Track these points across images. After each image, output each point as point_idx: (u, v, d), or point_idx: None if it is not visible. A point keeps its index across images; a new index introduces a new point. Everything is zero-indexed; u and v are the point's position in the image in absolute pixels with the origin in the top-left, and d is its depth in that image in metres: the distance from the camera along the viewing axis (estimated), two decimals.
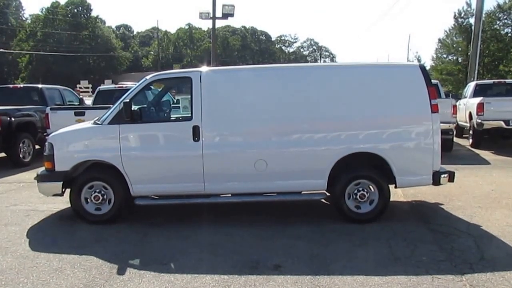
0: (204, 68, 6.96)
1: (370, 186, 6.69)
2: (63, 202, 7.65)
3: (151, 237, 6.27)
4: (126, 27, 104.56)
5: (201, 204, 6.86)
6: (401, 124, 6.58)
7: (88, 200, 6.85)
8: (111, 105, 7.09)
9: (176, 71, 7.09)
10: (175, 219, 7.04)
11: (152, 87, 7.31)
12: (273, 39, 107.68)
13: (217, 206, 7.36)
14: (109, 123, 6.73)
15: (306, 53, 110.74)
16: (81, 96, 16.67)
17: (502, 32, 43.92)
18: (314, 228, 6.41)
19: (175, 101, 9.42)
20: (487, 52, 41.37)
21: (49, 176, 6.87)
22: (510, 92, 15.45)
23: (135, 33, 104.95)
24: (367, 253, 5.45)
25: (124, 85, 14.36)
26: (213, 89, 6.67)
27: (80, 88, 40.55)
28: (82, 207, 6.84)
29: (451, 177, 6.71)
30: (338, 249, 5.63)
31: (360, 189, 6.68)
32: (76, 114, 12.26)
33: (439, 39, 50.00)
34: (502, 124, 13.59)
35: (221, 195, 6.82)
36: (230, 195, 6.85)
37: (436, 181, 6.57)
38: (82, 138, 6.91)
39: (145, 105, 7.26)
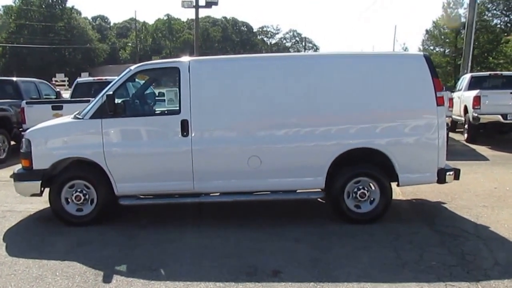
0: (192, 58, 6.50)
1: (371, 184, 6.34)
2: (42, 202, 7.13)
3: (138, 240, 5.82)
4: (103, 18, 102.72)
5: (191, 203, 6.39)
6: (405, 118, 6.23)
7: (69, 200, 6.35)
8: (91, 99, 6.58)
9: (163, 61, 6.58)
10: (164, 220, 6.59)
11: (136, 79, 6.81)
12: (254, 30, 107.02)
13: (208, 205, 6.93)
14: (90, 118, 6.23)
15: (288, 44, 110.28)
16: (57, 90, 15.93)
17: (491, 23, 43.66)
18: (313, 230, 6.04)
19: (156, 94, 8.90)
20: (476, 43, 41.18)
21: (26, 174, 6.34)
22: (506, 85, 14.88)
23: (112, 24, 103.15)
24: (372, 258, 5.09)
25: (103, 78, 13.71)
26: (203, 80, 6.22)
27: (56, 81, 39.47)
28: (62, 208, 6.34)
29: (457, 174, 6.39)
30: (340, 253, 5.27)
31: (360, 187, 6.33)
32: (53, 108, 11.63)
33: (427, 30, 49.18)
34: (500, 118, 13.14)
35: (212, 194, 6.37)
36: (220, 194, 6.41)
37: (441, 179, 6.25)
38: (61, 134, 6.39)
39: (129, 98, 6.75)
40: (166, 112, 6.72)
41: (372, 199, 6.35)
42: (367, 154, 6.33)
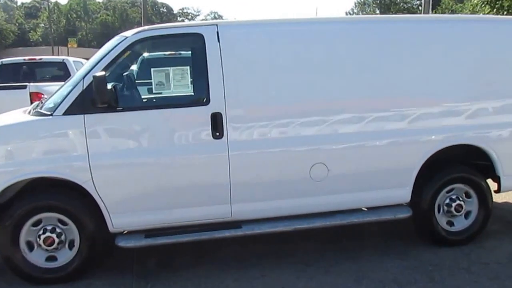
0: (221, 21, 4.34)
1: (467, 193, 4.64)
2: None
3: None
4: None
5: (227, 238, 4.29)
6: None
7: (34, 244, 4.03)
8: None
9: (176, 25, 4.33)
10: (182, 262, 4.46)
11: (137, 51, 4.46)
12: (175, 12, 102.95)
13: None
14: (65, 113, 3.93)
15: None
16: None
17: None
18: (404, 263, 4.28)
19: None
20: None
21: None
22: None
23: (19, 3, 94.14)
24: None
25: (37, 58, 10.82)
26: (242, 54, 4.15)
27: None
28: (22, 257, 4.01)
29: None
30: None
31: (454, 197, 4.61)
32: None
33: (346, 13, 49.17)
34: None
35: (258, 223, 4.31)
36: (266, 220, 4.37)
37: None
38: (15, 141, 4.03)
39: (125, 82, 4.47)
40: (185, 101, 4.49)
41: (467, 212, 4.66)
42: (462, 153, 4.65)
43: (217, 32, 4.09)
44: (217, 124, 4.04)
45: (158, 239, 4.08)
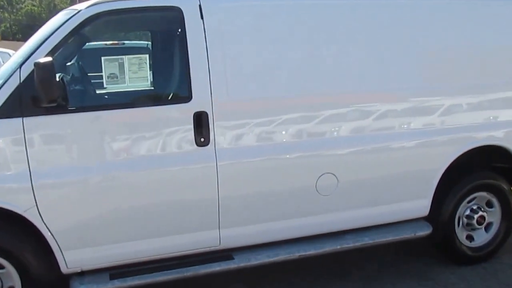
0: None
1: (489, 202, 4.00)
2: None
3: None
4: None
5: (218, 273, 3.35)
6: None
7: None
8: None
9: None
10: None
11: (92, 30, 3.38)
12: None
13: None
14: None
15: None
16: None
17: None
18: None
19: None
20: None
21: None
22: None
23: None
24: None
25: None
26: (234, 34, 3.23)
27: None
28: None
29: None
30: None
31: (475, 207, 3.95)
32: None
33: None
34: None
35: (254, 251, 3.41)
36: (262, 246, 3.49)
37: None
38: None
39: (77, 73, 3.42)
40: (160, 99, 3.46)
41: (487, 224, 4.01)
42: (484, 157, 4.00)
43: (200, 6, 3.15)
44: (201, 126, 3.11)
45: (127, 280, 3.08)
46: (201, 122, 3.10)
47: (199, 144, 3.12)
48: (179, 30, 3.19)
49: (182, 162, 3.12)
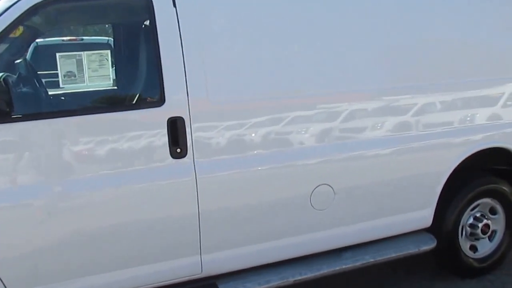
0: None
1: (493, 208, 3.67)
2: None
3: None
4: None
5: None
6: None
7: None
8: None
9: None
10: None
11: (42, 20, 2.79)
12: None
13: None
14: None
15: None
16: None
17: None
18: None
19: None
20: None
21: None
22: None
23: None
24: None
25: None
26: (213, 24, 2.74)
27: None
28: None
29: None
30: None
31: (478, 215, 3.61)
32: None
33: None
34: None
35: (241, 277, 2.93)
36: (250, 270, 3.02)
37: None
38: None
39: (18, 72, 2.84)
40: (125, 103, 2.89)
41: (491, 232, 3.68)
42: (487, 160, 3.67)
43: None
44: (177, 135, 2.62)
45: None
46: (176, 130, 2.60)
47: (174, 156, 2.62)
48: (147, 20, 2.69)
49: (155, 177, 2.61)
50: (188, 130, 2.63)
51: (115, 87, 3.41)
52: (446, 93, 3.29)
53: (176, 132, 2.60)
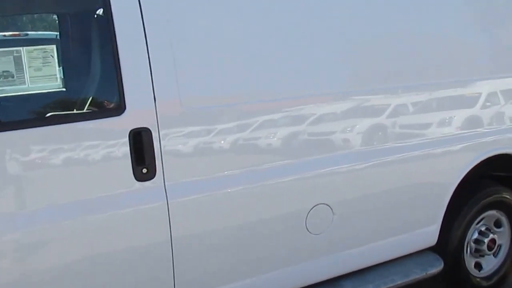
0: None
1: (498, 221, 3.31)
2: None
3: None
4: None
5: None
6: None
7: None
8: None
9: None
10: None
11: None
12: None
13: None
14: None
15: None
16: None
17: None
18: None
19: None
20: None
21: None
22: None
23: None
24: None
25: None
26: (183, 13, 2.20)
27: None
28: None
29: None
30: None
31: (483, 229, 3.24)
32: None
33: None
34: None
35: None
36: None
37: None
38: None
39: None
40: (74, 112, 2.28)
41: (496, 247, 3.32)
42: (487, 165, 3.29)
43: None
44: (142, 151, 2.07)
45: None
46: (141, 145, 2.05)
47: (139, 177, 2.08)
48: (100, 8, 2.13)
49: (116, 206, 2.06)
50: (156, 144, 2.08)
51: (64, 89, 2.83)
52: (452, 93, 2.89)
53: (141, 148, 2.05)
